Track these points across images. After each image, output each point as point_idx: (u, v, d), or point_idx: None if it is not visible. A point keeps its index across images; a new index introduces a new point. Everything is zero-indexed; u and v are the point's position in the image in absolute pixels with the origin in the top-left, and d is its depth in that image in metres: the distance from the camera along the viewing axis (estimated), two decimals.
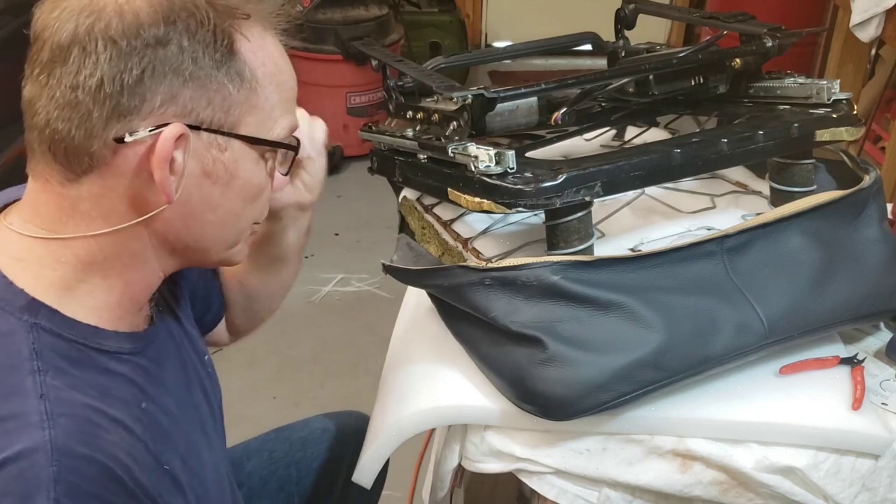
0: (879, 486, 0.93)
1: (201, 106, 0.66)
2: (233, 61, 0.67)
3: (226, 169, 0.69)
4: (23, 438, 0.60)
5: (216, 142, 0.68)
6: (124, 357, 0.70)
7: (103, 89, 0.63)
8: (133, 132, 0.64)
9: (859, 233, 1.04)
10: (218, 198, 0.71)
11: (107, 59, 0.63)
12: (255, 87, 0.69)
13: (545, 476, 0.96)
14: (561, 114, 1.08)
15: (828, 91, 1.13)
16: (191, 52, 0.65)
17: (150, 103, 0.64)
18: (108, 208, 0.68)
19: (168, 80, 0.64)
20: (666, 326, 0.90)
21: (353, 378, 2.27)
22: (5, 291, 0.66)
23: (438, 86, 1.06)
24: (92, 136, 0.65)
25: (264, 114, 0.70)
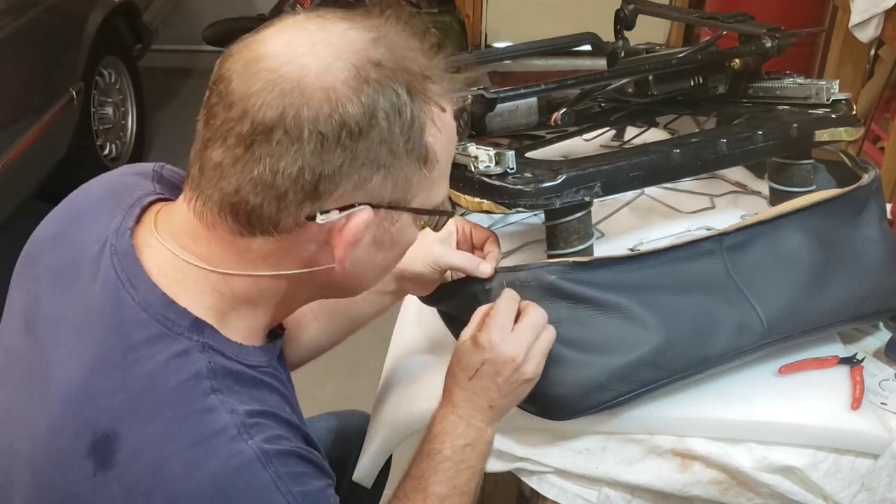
0: (878, 486, 0.93)
1: (387, 189, 0.68)
2: (421, 148, 0.68)
3: (392, 239, 0.72)
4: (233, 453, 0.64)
5: (390, 216, 0.70)
6: (264, 370, 0.73)
7: (303, 177, 0.64)
8: (324, 212, 0.66)
9: (859, 232, 1.04)
10: (381, 261, 0.74)
11: (311, 151, 0.63)
12: (433, 167, 0.70)
13: (545, 475, 0.96)
14: (561, 114, 1.08)
15: (827, 91, 1.13)
16: (388, 143, 0.66)
17: (343, 188, 0.66)
18: (276, 262, 0.69)
19: (364, 170, 0.65)
20: (665, 326, 0.90)
21: (353, 378, 2.27)
22: (169, 311, 0.67)
23: None
24: (283, 212, 0.66)
25: (434, 187, 0.72)
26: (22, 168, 2.44)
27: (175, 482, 0.63)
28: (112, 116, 3.15)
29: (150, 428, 0.64)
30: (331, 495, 0.72)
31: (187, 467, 0.63)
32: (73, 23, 2.79)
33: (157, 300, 0.67)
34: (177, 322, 0.67)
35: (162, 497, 0.63)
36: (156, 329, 0.67)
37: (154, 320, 0.67)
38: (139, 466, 0.63)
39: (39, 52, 2.57)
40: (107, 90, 3.12)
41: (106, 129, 3.11)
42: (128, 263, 0.69)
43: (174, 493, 0.63)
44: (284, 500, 0.65)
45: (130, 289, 0.68)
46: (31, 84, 2.54)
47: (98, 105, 3.04)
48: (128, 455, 0.63)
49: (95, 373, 0.66)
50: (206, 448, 0.64)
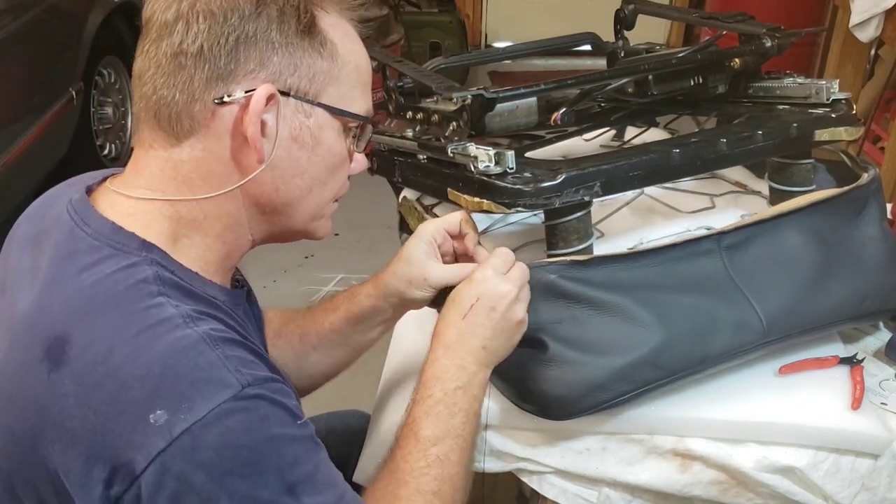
0: (879, 486, 0.93)
1: (288, 72, 0.73)
2: (315, 33, 0.75)
3: (311, 134, 0.76)
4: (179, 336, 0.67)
5: (302, 108, 0.75)
6: (220, 305, 0.75)
7: (202, 54, 0.71)
8: (230, 94, 0.72)
9: (859, 232, 1.04)
10: (305, 162, 0.77)
11: (206, 29, 0.71)
12: (336, 59, 0.76)
13: (545, 475, 0.96)
14: (560, 114, 1.08)
15: (827, 91, 1.13)
16: (278, 22, 0.73)
17: (243, 67, 0.72)
18: (207, 170, 0.74)
19: (259, 48, 0.72)
20: (664, 325, 0.90)
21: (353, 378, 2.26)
22: (118, 235, 0.72)
23: (438, 86, 1.07)
24: (193, 99, 0.72)
25: (344, 88, 0.77)
26: (22, 168, 2.44)
27: (123, 367, 0.65)
28: (112, 116, 3.15)
29: (99, 325, 0.67)
30: (291, 395, 0.71)
31: (134, 352, 0.65)
32: (73, 23, 2.79)
33: (106, 228, 0.73)
34: (125, 243, 0.72)
35: (112, 383, 0.65)
36: (106, 251, 0.71)
37: (105, 245, 0.72)
38: (89, 358, 0.66)
39: (39, 52, 2.57)
40: (107, 90, 3.12)
41: (106, 129, 3.11)
42: (80, 207, 0.75)
43: (123, 377, 0.65)
44: (234, 377, 0.66)
45: (83, 225, 0.74)
46: (31, 84, 2.54)
47: (98, 105, 3.04)
48: (78, 350, 0.66)
49: (49, 291, 0.71)
50: (152, 334, 0.66)
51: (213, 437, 0.64)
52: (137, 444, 0.63)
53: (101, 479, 0.64)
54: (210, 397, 0.64)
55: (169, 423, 0.63)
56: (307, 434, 0.71)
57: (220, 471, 0.64)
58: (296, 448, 0.69)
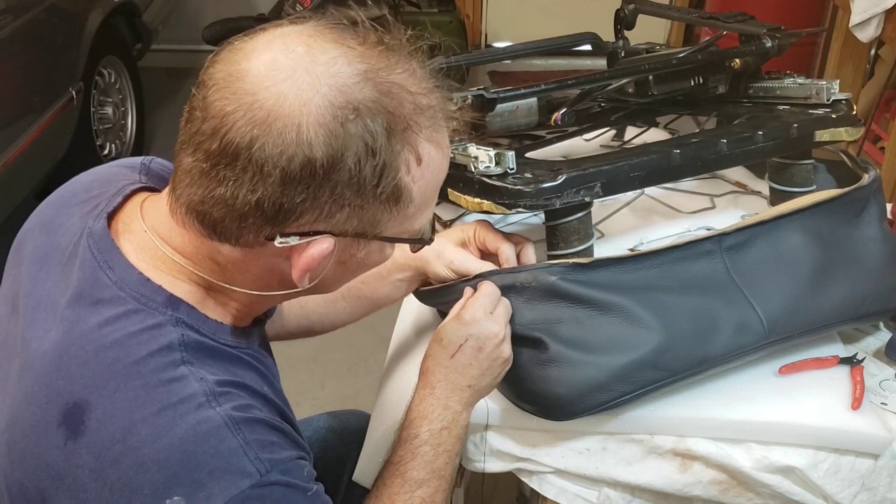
0: (879, 486, 0.93)
1: (352, 224, 0.68)
2: (393, 191, 0.67)
3: (358, 262, 0.73)
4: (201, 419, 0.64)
5: (356, 243, 0.70)
6: (243, 356, 0.74)
7: (262, 206, 0.64)
8: (284, 235, 0.66)
9: (859, 232, 1.04)
10: (347, 276, 0.75)
11: (272, 183, 0.63)
12: (407, 205, 0.69)
13: (545, 476, 0.96)
14: (561, 114, 1.08)
15: (827, 91, 1.13)
16: (355, 185, 0.65)
17: (304, 219, 0.66)
18: (245, 270, 0.71)
19: (327, 206, 0.65)
20: (665, 326, 0.90)
21: (353, 378, 2.27)
22: (145, 288, 0.69)
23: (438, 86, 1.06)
24: (243, 230, 0.66)
25: (410, 219, 0.71)
26: (22, 168, 2.44)
27: (143, 447, 0.63)
28: (112, 116, 3.15)
29: (119, 395, 0.65)
30: (304, 466, 0.71)
31: (155, 432, 0.64)
32: (73, 23, 2.79)
33: (133, 279, 0.69)
34: (152, 298, 0.69)
35: (130, 462, 0.63)
36: (131, 305, 0.68)
37: (130, 297, 0.68)
38: (108, 433, 0.64)
39: (39, 52, 2.57)
40: (107, 90, 3.12)
41: (106, 129, 3.11)
42: (104, 245, 0.71)
43: (142, 458, 0.63)
44: (253, 465, 0.65)
45: (108, 269, 0.70)
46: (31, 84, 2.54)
47: (98, 105, 3.04)
48: (97, 422, 0.64)
49: (70, 345, 0.67)
50: (174, 414, 0.64)
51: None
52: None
53: None
54: (228, 487, 0.63)
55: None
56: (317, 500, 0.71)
57: None
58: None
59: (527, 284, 0.90)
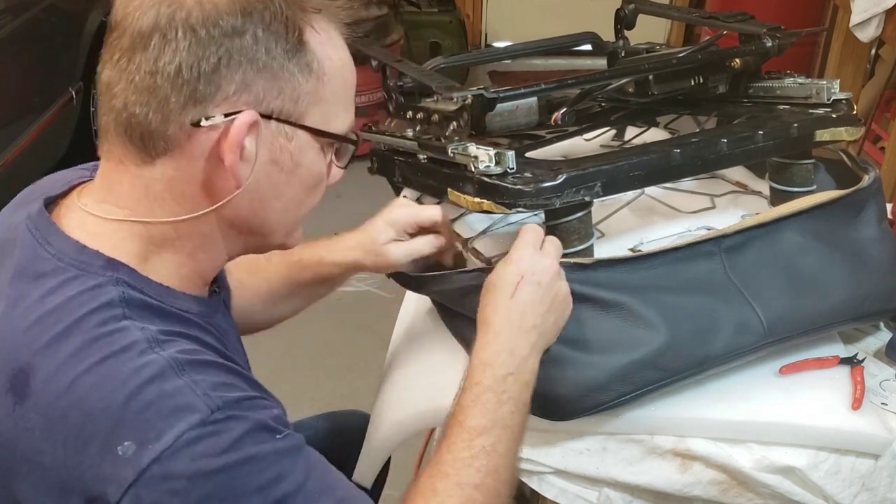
0: (879, 486, 0.93)
1: (272, 95, 0.69)
2: (302, 52, 0.69)
3: (291, 157, 0.72)
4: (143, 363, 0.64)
5: (284, 131, 0.71)
6: (193, 319, 0.73)
7: (181, 75, 0.66)
8: (208, 117, 0.67)
9: (859, 232, 1.04)
10: (283, 185, 0.74)
11: (185, 47, 0.65)
12: (322, 78, 0.71)
13: (545, 476, 0.96)
14: (561, 114, 1.08)
15: (827, 91, 1.13)
16: (264, 42, 0.67)
17: (224, 91, 0.67)
18: (180, 192, 0.71)
19: (242, 69, 0.67)
20: (666, 326, 0.90)
21: (353, 378, 2.27)
22: (83, 254, 0.69)
23: (438, 86, 1.06)
24: (168, 121, 0.67)
25: (328, 107, 0.73)
26: (21, 168, 2.44)
27: (87, 398, 0.63)
28: None
29: (61, 353, 0.65)
30: (269, 407, 0.68)
31: (98, 381, 0.63)
32: (72, 23, 2.79)
33: (71, 248, 0.70)
34: (90, 262, 0.69)
35: (77, 415, 0.63)
36: (71, 273, 0.68)
37: (69, 266, 0.69)
38: (52, 391, 0.64)
39: (39, 52, 2.58)
40: None
41: None
42: (41, 223, 0.72)
43: (88, 409, 0.63)
44: (202, 402, 0.63)
45: (46, 245, 0.70)
46: (31, 84, 2.54)
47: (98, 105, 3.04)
48: (42, 382, 0.64)
49: (13, 318, 0.68)
50: (116, 362, 0.64)
51: (183, 464, 0.61)
52: (108, 477, 0.62)
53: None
54: (176, 424, 0.62)
55: (137, 454, 0.61)
56: (292, 445, 0.68)
57: (195, 498, 0.62)
58: (279, 463, 0.66)
59: None
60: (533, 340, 0.83)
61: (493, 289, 0.85)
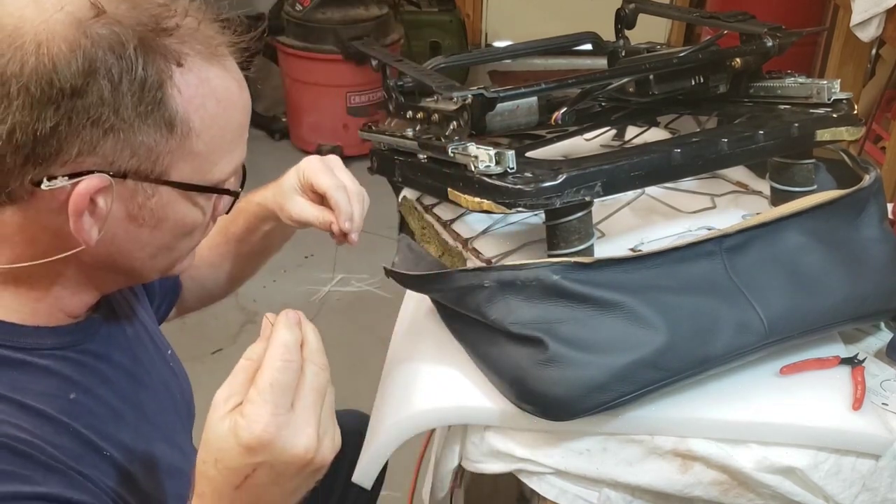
0: (880, 487, 0.93)
1: (124, 157, 0.63)
2: (161, 111, 0.63)
3: (153, 213, 0.67)
4: None
5: (142, 188, 0.65)
6: (46, 352, 0.68)
7: (15, 137, 0.60)
8: (51, 178, 0.61)
9: (860, 232, 1.03)
10: (146, 237, 0.69)
11: (19, 107, 0.59)
12: (188, 134, 0.65)
13: (545, 476, 0.96)
14: (561, 114, 1.08)
15: (828, 91, 1.13)
16: (111, 102, 0.60)
17: (67, 152, 0.61)
18: (30, 237, 0.66)
19: (87, 132, 0.60)
20: (666, 326, 0.90)
21: (353, 378, 2.26)
22: None
23: (438, 86, 1.06)
24: (8, 177, 0.62)
25: (201, 158, 0.67)
26: None
27: None
28: None
29: None
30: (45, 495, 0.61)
31: None
32: None
33: None
34: None
35: None
36: None
37: None
38: None
39: None
40: None
41: None
42: None
43: None
44: None
45: None
46: None
47: None
48: None
49: None
50: None
51: None
52: None
53: None
54: None
55: None
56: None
57: None
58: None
59: (528, 283, 0.90)
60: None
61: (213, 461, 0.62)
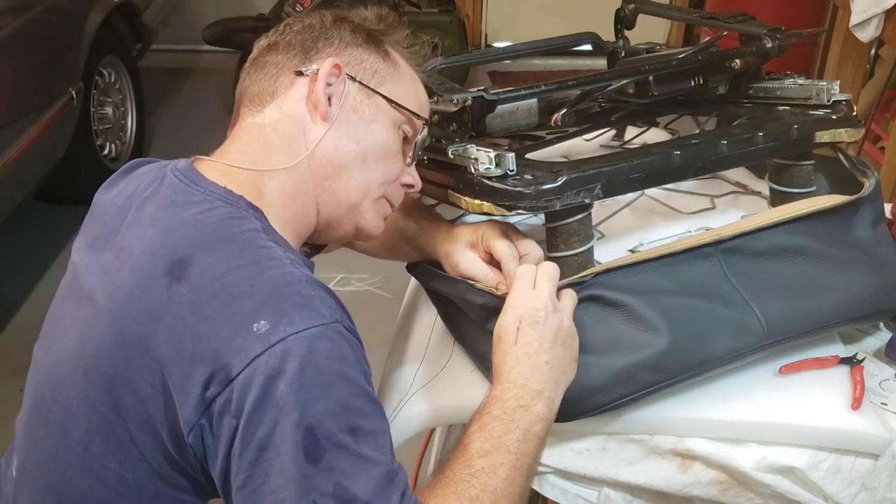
0: (879, 486, 0.93)
1: (355, 62, 0.91)
2: (380, 46, 0.94)
3: (369, 111, 0.91)
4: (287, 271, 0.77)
5: (363, 91, 0.91)
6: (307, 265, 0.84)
7: (291, 43, 0.91)
8: (307, 68, 0.89)
9: (855, 234, 1.04)
10: (361, 132, 0.90)
11: (296, 30, 0.92)
12: (396, 65, 0.94)
13: (545, 476, 0.97)
14: (561, 115, 1.08)
15: (827, 92, 1.13)
16: (351, 32, 0.92)
17: (321, 53, 0.90)
18: (283, 131, 0.88)
19: (334, 43, 0.91)
20: (666, 328, 0.90)
21: None
22: (228, 195, 0.83)
23: (438, 87, 1.07)
24: (279, 75, 0.90)
25: (402, 91, 0.93)
26: (22, 168, 2.44)
27: (238, 283, 0.74)
28: (112, 116, 3.15)
29: (220, 252, 0.77)
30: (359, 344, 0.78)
31: (249, 274, 0.75)
32: (73, 23, 2.79)
33: (218, 189, 0.83)
34: (236, 202, 0.82)
35: (226, 296, 0.74)
36: (219, 203, 0.81)
37: (216, 199, 0.82)
38: (207, 275, 0.75)
39: (39, 52, 2.57)
40: (107, 90, 3.12)
41: (106, 129, 3.11)
42: (189, 173, 0.86)
43: (237, 291, 0.74)
44: (327, 311, 0.75)
45: (195, 186, 0.83)
46: (31, 84, 2.54)
47: (98, 105, 3.04)
48: (199, 268, 0.75)
49: (170, 226, 0.80)
50: (265, 265, 0.76)
51: (301, 352, 0.71)
52: (238, 348, 0.71)
53: (200, 381, 0.71)
54: (308, 318, 0.73)
55: (269, 332, 0.71)
56: (377, 401, 0.76)
57: (298, 385, 0.70)
58: (365, 403, 0.74)
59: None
60: (546, 375, 0.85)
61: (498, 340, 0.88)
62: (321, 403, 0.70)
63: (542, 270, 0.90)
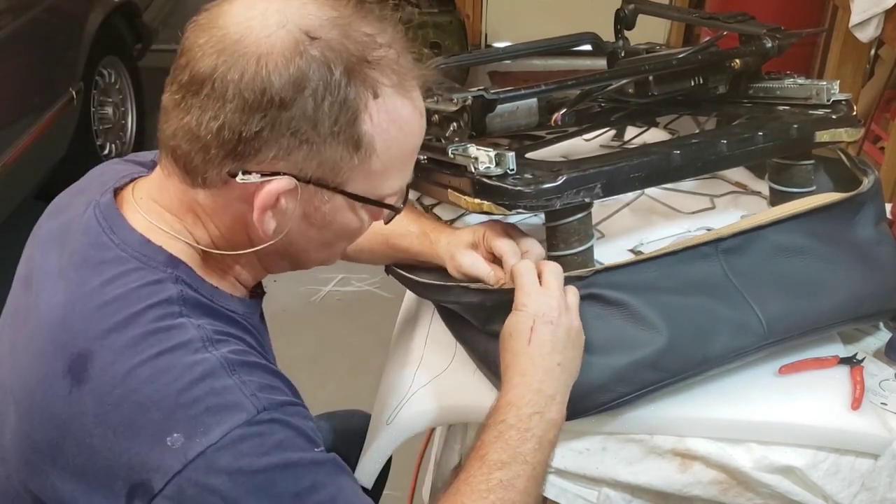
0: (878, 486, 0.93)
1: (311, 166, 0.70)
2: (352, 132, 0.70)
3: (324, 217, 0.75)
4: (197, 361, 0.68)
5: (320, 194, 0.73)
6: (239, 319, 0.77)
7: (223, 134, 0.68)
8: (245, 173, 0.69)
9: (858, 233, 1.04)
10: (314, 235, 0.77)
11: (231, 109, 0.67)
12: (370, 154, 0.72)
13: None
14: (561, 115, 1.08)
15: (827, 92, 1.13)
16: (311, 119, 0.68)
17: (263, 154, 0.69)
18: (219, 221, 0.75)
19: (285, 140, 0.68)
20: (666, 327, 0.90)
21: (353, 378, 2.27)
22: (146, 248, 0.74)
23: (438, 87, 1.07)
24: (208, 165, 0.70)
25: (375, 176, 0.74)
26: (22, 168, 2.44)
27: (142, 389, 0.66)
28: (112, 116, 3.15)
29: (119, 343, 0.68)
30: (307, 417, 0.71)
31: (153, 374, 0.67)
32: (73, 23, 2.79)
33: (135, 241, 0.74)
34: (152, 258, 0.73)
35: (130, 404, 0.66)
36: (133, 264, 0.72)
37: (132, 257, 0.73)
38: (108, 378, 0.67)
39: (39, 52, 2.57)
40: (107, 90, 3.12)
41: (106, 129, 3.11)
42: (108, 213, 0.76)
43: (141, 399, 0.66)
44: (249, 402, 0.67)
45: (111, 233, 0.74)
46: (31, 84, 2.54)
47: (98, 105, 3.04)
48: (99, 369, 0.67)
49: (74, 303, 0.71)
50: (171, 357, 0.67)
51: (226, 461, 0.64)
52: (154, 466, 0.65)
53: (122, 495, 0.66)
54: (224, 422, 0.65)
55: (185, 446, 0.64)
56: (328, 459, 0.71)
57: (234, 495, 0.64)
58: (315, 473, 0.69)
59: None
60: (557, 376, 0.84)
61: (508, 338, 0.86)
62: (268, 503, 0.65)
63: (549, 268, 0.89)
